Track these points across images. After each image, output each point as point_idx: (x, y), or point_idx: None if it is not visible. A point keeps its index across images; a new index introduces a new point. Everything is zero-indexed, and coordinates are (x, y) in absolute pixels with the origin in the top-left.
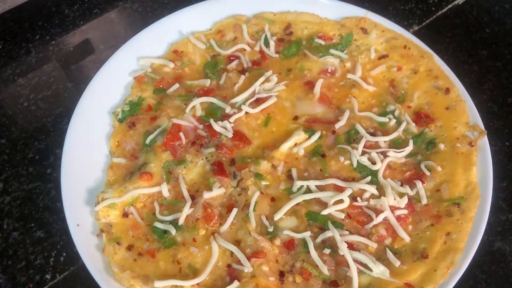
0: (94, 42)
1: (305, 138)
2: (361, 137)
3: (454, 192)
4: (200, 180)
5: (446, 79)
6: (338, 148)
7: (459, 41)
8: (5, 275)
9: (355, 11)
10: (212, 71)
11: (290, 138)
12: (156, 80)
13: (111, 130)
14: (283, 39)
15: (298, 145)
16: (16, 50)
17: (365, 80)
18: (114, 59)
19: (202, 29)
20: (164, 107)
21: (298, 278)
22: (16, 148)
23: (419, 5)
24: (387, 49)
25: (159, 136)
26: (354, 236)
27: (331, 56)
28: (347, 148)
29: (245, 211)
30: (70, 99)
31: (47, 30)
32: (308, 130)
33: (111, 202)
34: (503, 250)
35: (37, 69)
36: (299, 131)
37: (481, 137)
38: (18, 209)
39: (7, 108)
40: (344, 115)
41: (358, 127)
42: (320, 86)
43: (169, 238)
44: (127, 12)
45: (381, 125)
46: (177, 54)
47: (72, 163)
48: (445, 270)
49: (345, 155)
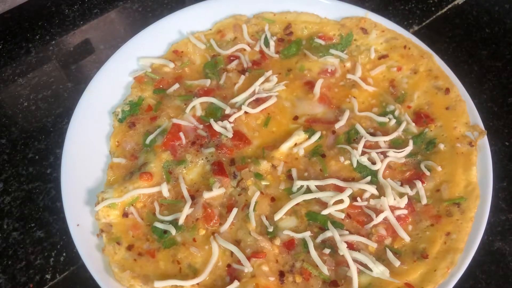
0: (94, 42)
1: (305, 138)
2: (361, 137)
3: (454, 192)
4: (200, 180)
5: (446, 79)
6: (338, 148)
7: (459, 41)
8: (5, 275)
9: (355, 11)
10: (212, 71)
11: (290, 138)
12: (156, 80)
13: (111, 130)
14: (283, 39)
15: (298, 145)
16: (16, 50)
17: (365, 80)
18: (114, 59)
19: (202, 29)
20: (164, 107)
21: (298, 278)
22: (16, 148)
23: (419, 5)
24: (387, 49)
25: (159, 136)
26: (354, 236)
27: (331, 56)
28: (347, 148)
29: (245, 211)
30: (70, 99)
31: (47, 30)
32: (308, 130)
33: (111, 202)
34: (503, 250)
35: (37, 69)
36: (299, 131)
37: (481, 137)
38: (18, 209)
39: (7, 108)
40: (344, 115)
41: (358, 127)
42: (320, 86)
43: (169, 238)
44: (127, 12)
45: (381, 125)
46: (177, 54)
47: (72, 163)
48: (445, 270)
49: (345, 155)
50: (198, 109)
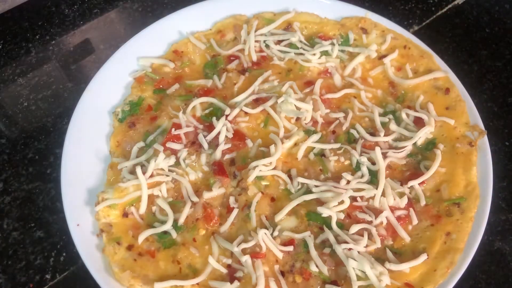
0: (94, 42)
1: (305, 138)
2: (361, 137)
3: (454, 192)
4: (200, 180)
5: (446, 79)
6: (338, 148)
7: (459, 41)
8: (5, 275)
9: (355, 11)
10: (212, 71)
11: (290, 138)
12: (156, 80)
13: (111, 130)
14: (283, 39)
15: (298, 145)
16: (16, 50)
17: (365, 80)
18: (114, 59)
19: (202, 29)
20: (164, 107)
21: (298, 278)
22: (16, 148)
23: (419, 5)
24: (387, 49)
25: (159, 136)
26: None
27: (330, 56)
28: (347, 148)
29: (245, 211)
30: (70, 99)
31: (47, 30)
32: (308, 130)
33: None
34: (503, 250)
35: (37, 69)
36: (299, 131)
37: (481, 137)
38: (18, 209)
39: (7, 108)
40: (348, 117)
41: (358, 127)
42: (320, 86)
43: (169, 238)
44: (127, 12)
45: (381, 125)
46: (177, 54)
47: (72, 163)
48: (445, 270)
49: (345, 155)
50: (198, 109)
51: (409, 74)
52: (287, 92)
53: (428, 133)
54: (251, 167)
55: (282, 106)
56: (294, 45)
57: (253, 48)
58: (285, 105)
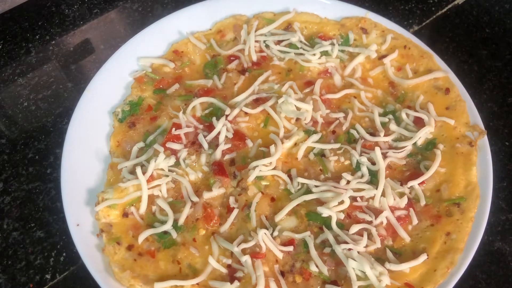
0: (94, 42)
1: (305, 138)
2: (361, 137)
3: (454, 192)
4: (200, 180)
5: (446, 79)
6: (338, 148)
7: (459, 41)
8: (5, 275)
9: (355, 11)
10: (212, 71)
11: (290, 138)
12: (156, 80)
13: (111, 130)
14: (283, 39)
15: (298, 145)
16: (16, 50)
17: (365, 80)
18: (114, 59)
19: (202, 29)
20: (164, 107)
21: (298, 278)
22: (16, 148)
23: (419, 5)
24: (387, 49)
25: (159, 136)
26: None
27: (331, 56)
28: (347, 148)
29: (245, 211)
30: (70, 99)
31: (47, 30)
32: (308, 130)
33: (111, 203)
34: (503, 250)
35: (37, 69)
36: (299, 131)
37: (481, 137)
38: (18, 209)
39: (7, 108)
40: (348, 117)
41: (358, 127)
42: (320, 86)
43: (169, 238)
44: (127, 12)
45: (381, 125)
46: (177, 54)
47: (72, 163)
48: (445, 270)
49: (345, 155)
50: (198, 109)
51: (409, 74)
52: (287, 92)
53: (428, 133)
54: (251, 167)
55: (282, 106)
56: (294, 45)
57: (253, 48)
58: (285, 105)
